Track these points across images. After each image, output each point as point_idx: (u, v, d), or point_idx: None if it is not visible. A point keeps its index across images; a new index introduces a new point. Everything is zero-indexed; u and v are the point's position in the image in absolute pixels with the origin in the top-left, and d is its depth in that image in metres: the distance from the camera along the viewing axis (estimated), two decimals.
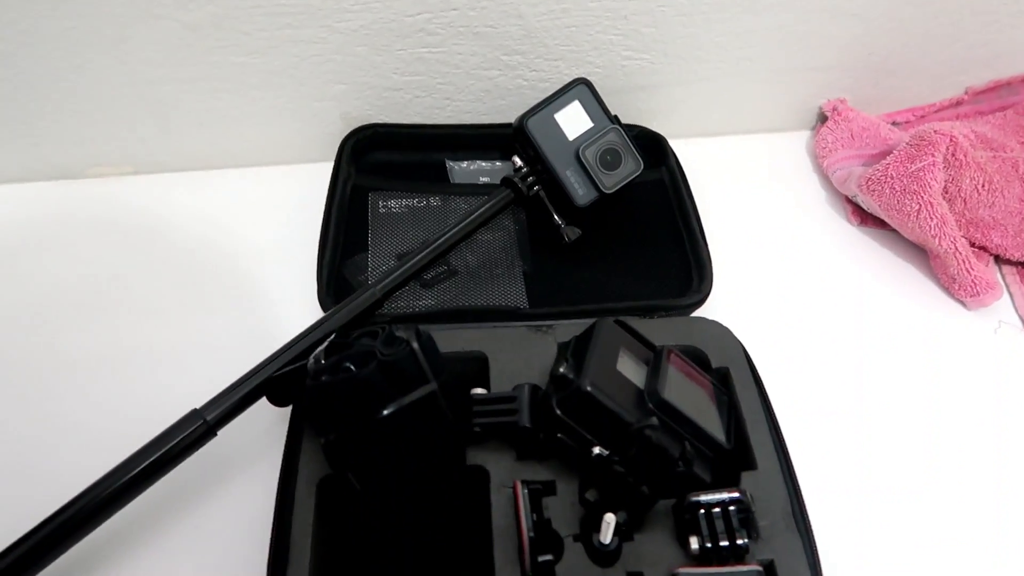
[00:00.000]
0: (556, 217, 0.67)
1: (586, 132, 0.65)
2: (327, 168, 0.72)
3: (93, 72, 0.68)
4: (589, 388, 0.47)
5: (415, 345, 0.47)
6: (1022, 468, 0.57)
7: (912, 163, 0.65)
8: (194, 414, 0.53)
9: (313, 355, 0.49)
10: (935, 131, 0.65)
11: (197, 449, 0.53)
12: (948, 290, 0.67)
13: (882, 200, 0.67)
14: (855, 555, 0.51)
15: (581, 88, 0.66)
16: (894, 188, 0.66)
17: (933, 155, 0.64)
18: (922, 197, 0.64)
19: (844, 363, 0.63)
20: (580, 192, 0.65)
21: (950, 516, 0.54)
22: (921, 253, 0.70)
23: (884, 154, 0.69)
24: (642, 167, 0.66)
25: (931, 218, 0.64)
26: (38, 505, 0.48)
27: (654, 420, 0.46)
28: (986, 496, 0.55)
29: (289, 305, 0.64)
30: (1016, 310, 0.67)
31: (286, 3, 0.64)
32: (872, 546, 0.53)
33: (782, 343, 0.62)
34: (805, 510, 0.49)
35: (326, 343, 0.50)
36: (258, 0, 0.64)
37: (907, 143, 0.66)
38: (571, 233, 0.66)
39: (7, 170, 0.74)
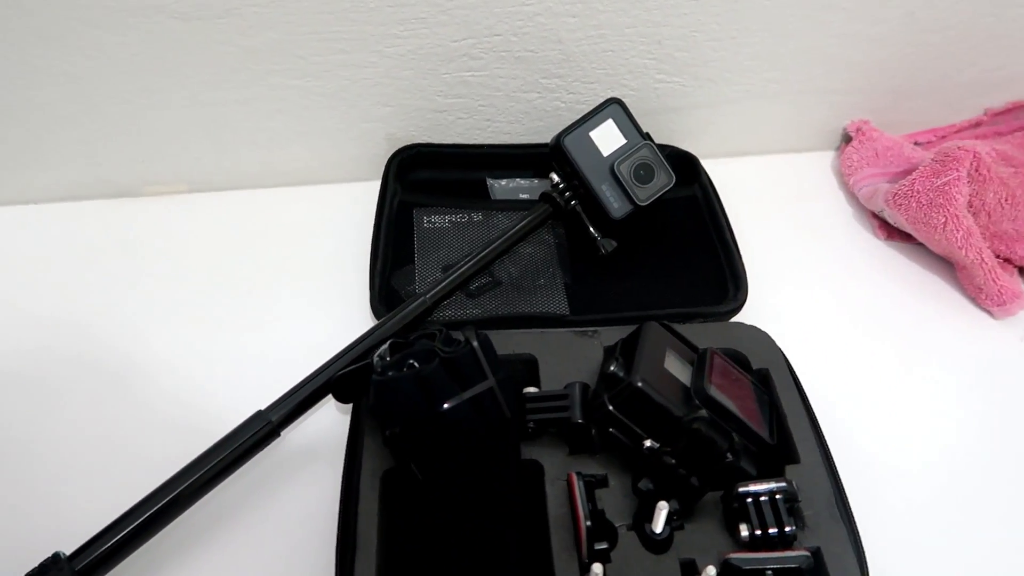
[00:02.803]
0: (592, 230, 0.69)
1: (620, 148, 0.68)
2: (372, 186, 0.75)
3: (154, 95, 0.70)
4: (640, 384, 0.49)
5: (475, 344, 0.50)
6: None
7: (937, 178, 0.68)
8: (259, 415, 0.55)
9: (378, 353, 0.51)
10: (959, 147, 0.68)
11: (262, 448, 0.55)
12: (975, 300, 0.69)
13: (909, 214, 0.69)
14: (896, 542, 0.53)
15: (614, 107, 0.69)
16: (920, 202, 0.68)
17: (958, 170, 0.67)
18: (948, 210, 0.66)
19: (877, 369, 0.65)
20: (615, 205, 0.68)
21: (981, 504, 0.57)
22: (947, 265, 0.72)
23: (908, 172, 0.72)
24: (674, 180, 0.68)
25: (957, 230, 0.66)
26: (113, 504, 0.50)
27: (703, 413, 0.49)
28: (1013, 487, 0.58)
29: (342, 315, 0.66)
30: None
31: (340, 29, 0.68)
32: (912, 534, 0.55)
33: (817, 350, 0.64)
34: (847, 501, 0.51)
35: (388, 343, 0.52)
36: (314, 26, 0.67)
37: (932, 159, 0.69)
38: (607, 245, 0.69)
39: (67, 188, 0.76)
